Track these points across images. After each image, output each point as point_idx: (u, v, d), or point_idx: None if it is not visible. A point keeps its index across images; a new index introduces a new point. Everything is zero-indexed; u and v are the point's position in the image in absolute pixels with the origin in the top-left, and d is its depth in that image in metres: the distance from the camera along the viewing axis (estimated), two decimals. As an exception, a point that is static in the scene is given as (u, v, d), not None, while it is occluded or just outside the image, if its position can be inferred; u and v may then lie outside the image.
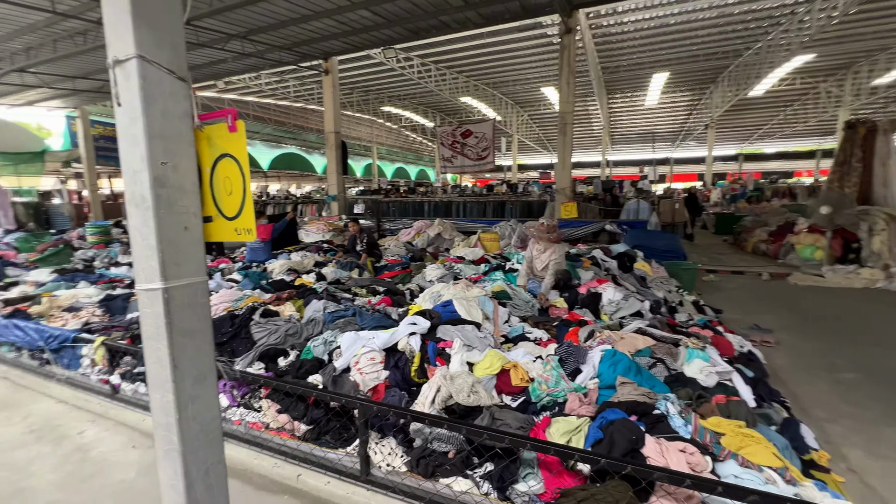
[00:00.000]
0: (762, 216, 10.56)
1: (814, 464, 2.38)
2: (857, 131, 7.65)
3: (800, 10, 12.92)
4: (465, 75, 20.67)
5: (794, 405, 3.12)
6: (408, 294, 4.68)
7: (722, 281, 7.31)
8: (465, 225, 10.90)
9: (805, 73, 20.07)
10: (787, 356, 4.06)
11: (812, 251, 7.70)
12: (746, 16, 13.57)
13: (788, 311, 5.45)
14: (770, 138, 33.31)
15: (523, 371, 2.58)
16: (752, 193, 17.88)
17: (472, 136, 10.85)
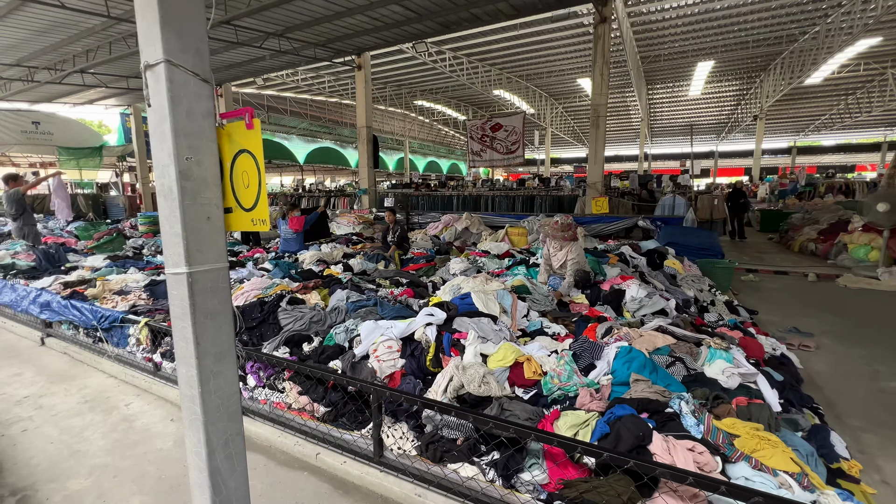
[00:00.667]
0: (812, 213, 9.90)
1: (842, 473, 2.27)
2: (924, 121, 6.98)
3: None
4: (497, 68, 20.45)
5: (829, 412, 2.96)
6: (430, 286, 4.75)
7: (763, 281, 6.94)
8: (494, 219, 10.85)
9: (870, 57, 18.50)
10: (827, 362, 3.84)
11: (866, 251, 7.16)
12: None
13: (834, 315, 5.12)
14: (828, 129, 30.94)
15: (537, 364, 2.59)
16: (803, 189, 16.73)
17: (502, 129, 10.75)
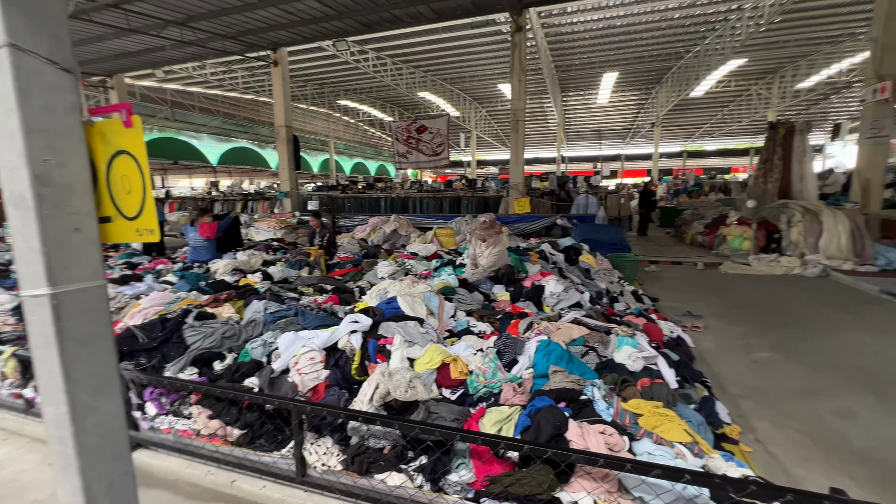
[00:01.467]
0: (700, 209, 11.30)
1: (725, 437, 2.61)
2: (778, 131, 8.34)
3: (731, 17, 13.85)
4: (422, 70, 20.58)
5: (715, 384, 3.38)
6: (357, 292, 4.63)
7: (663, 271, 7.76)
8: (422, 221, 10.88)
9: (738, 76, 21.56)
10: (713, 339, 4.39)
11: (741, 242, 8.33)
12: (685, 20, 14.38)
13: (718, 298, 5.88)
14: (710, 136, 35.56)
15: (463, 364, 2.63)
16: (692, 188, 19.05)
17: (427, 131, 10.83)
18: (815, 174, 8.77)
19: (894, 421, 2.83)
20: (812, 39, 16.22)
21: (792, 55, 18.36)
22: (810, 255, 7.24)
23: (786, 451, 2.57)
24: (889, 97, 7.09)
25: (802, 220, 7.50)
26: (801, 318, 4.92)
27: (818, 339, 4.26)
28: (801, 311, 5.20)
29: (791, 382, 3.43)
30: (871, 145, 7.43)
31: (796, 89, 21.40)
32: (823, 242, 7.23)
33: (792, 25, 14.78)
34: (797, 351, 4.02)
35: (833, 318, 4.93)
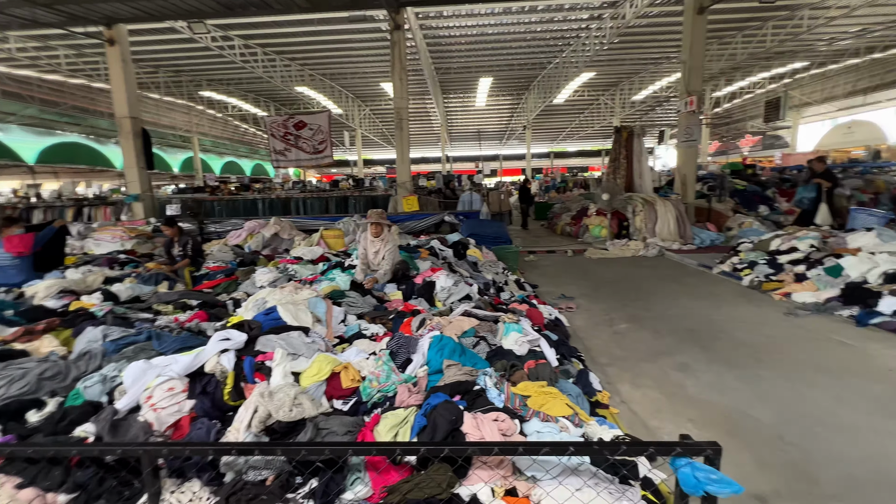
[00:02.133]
0: (566, 203, 12.72)
1: (599, 403, 2.92)
2: (622, 134, 9.80)
3: (582, 34, 15.85)
4: (298, 63, 19.31)
5: (588, 357, 3.79)
6: (231, 305, 4.09)
7: (540, 260, 8.52)
8: (307, 223, 10.21)
9: (589, 87, 24.82)
10: (583, 317, 4.94)
11: (599, 230, 9.60)
12: (546, 34, 16.00)
13: (585, 280, 6.66)
14: (571, 139, 40.39)
15: (354, 371, 2.48)
16: (559, 185, 21.39)
17: (307, 127, 10.18)
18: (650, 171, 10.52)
19: (712, 368, 3.50)
20: (641, 59, 19.45)
21: (628, 72, 21.79)
22: (650, 239, 8.66)
23: (644, 407, 2.99)
24: (695, 109, 8.85)
25: (643, 210, 8.94)
26: (647, 292, 5.84)
27: (660, 308, 5.09)
28: (647, 286, 6.17)
29: (644, 347, 4.02)
30: (685, 148, 9.22)
31: (632, 101, 25.48)
32: (658, 227, 8.72)
33: (627, 47, 17.49)
34: (646, 320, 4.74)
35: (669, 289, 5.95)
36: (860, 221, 6.95)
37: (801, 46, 17.69)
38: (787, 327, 4.32)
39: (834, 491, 2.13)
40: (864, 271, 4.83)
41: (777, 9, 13.42)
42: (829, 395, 3.02)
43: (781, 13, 13.92)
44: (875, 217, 6.89)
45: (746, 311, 4.89)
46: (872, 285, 4.59)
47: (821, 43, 17.27)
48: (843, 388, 3.09)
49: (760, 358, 3.65)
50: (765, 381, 3.25)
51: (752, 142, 31.73)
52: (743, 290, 5.72)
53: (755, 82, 24.48)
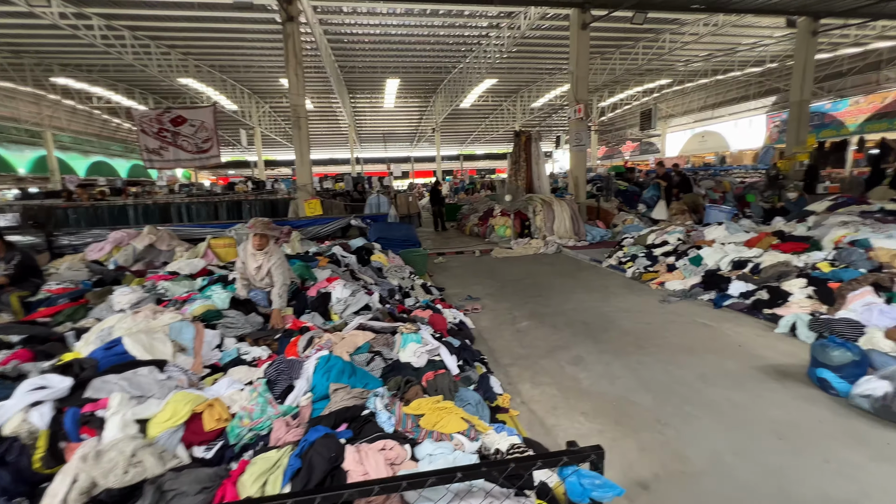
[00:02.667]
0: (474, 204, 13.05)
1: (499, 408, 2.90)
2: (521, 138, 10.30)
3: (483, 41, 16.44)
4: (180, 52, 17.16)
5: (491, 359, 3.80)
6: (72, 336, 3.34)
7: (449, 261, 8.56)
8: (193, 231, 9.04)
9: (493, 93, 25.96)
10: (488, 317, 5.00)
11: (504, 230, 9.97)
12: (449, 39, 16.29)
13: (491, 280, 6.81)
14: (478, 142, 41.95)
15: (222, 408, 2.11)
16: (468, 187, 22.00)
17: (187, 123, 9.00)
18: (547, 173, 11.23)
19: (603, 359, 3.73)
20: (538, 69, 20.83)
21: (527, 80, 23.20)
22: (549, 237, 9.22)
23: (542, 405, 3.05)
24: (583, 116, 9.64)
25: (542, 210, 9.47)
26: (546, 288, 6.14)
27: (557, 304, 5.37)
28: (546, 282, 6.49)
29: (543, 343, 4.16)
30: (576, 152, 10.01)
31: (531, 107, 27.23)
32: (556, 226, 9.31)
33: (525, 56, 18.57)
34: (545, 316, 4.94)
35: (565, 284, 6.33)
36: (713, 216, 8.13)
37: (665, 66, 20.42)
38: (661, 314, 4.81)
39: (702, 467, 2.33)
40: (718, 260, 5.60)
41: (645, 31, 15.29)
42: (695, 373, 3.37)
43: (649, 35, 15.90)
44: (724, 213, 8.12)
45: (630, 300, 5.36)
46: (724, 272, 5.34)
47: (679, 64, 20.11)
48: (706, 366, 3.48)
49: (642, 345, 3.98)
50: (645, 366, 3.53)
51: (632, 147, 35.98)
52: (627, 282, 6.30)
53: (632, 95, 27.75)
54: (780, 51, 18.42)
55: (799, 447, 2.44)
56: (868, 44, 17.10)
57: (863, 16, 10.82)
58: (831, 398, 2.90)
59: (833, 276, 4.27)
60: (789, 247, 5.21)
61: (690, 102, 30.70)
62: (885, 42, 16.88)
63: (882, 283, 3.89)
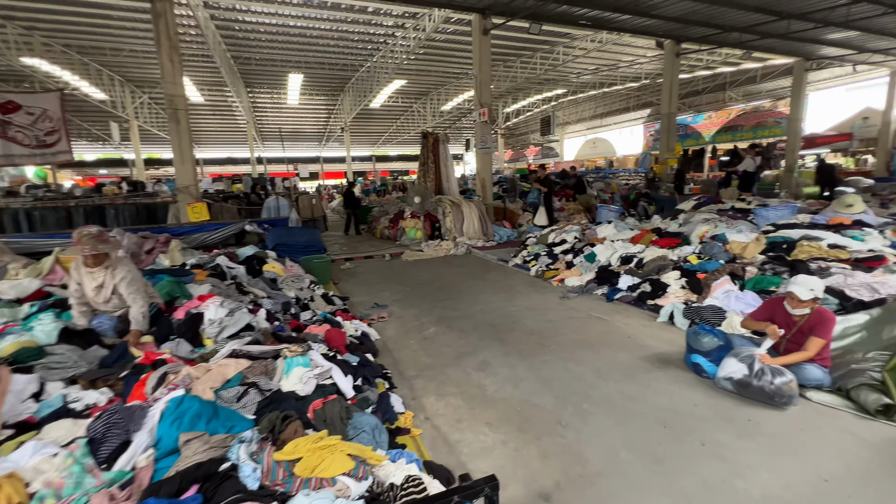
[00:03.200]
0: (385, 206, 12.71)
1: (400, 430, 2.67)
2: (428, 140, 10.24)
3: (390, 41, 16.15)
4: (20, 26, 14.12)
5: (395, 372, 3.56)
6: None
7: (357, 267, 8.13)
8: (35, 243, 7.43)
9: (403, 94, 25.79)
10: (395, 326, 4.75)
11: (415, 232, 9.81)
12: (353, 36, 15.69)
13: (400, 285, 6.58)
14: (391, 143, 41.47)
15: (14, 488, 1.57)
16: (380, 188, 21.54)
17: (23, 111, 7.32)
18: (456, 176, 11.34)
19: (508, 361, 3.71)
20: (446, 73, 21.11)
21: (436, 83, 23.41)
22: (459, 238, 9.27)
23: (447, 419, 2.89)
24: (487, 119, 9.89)
25: (452, 211, 9.50)
26: (455, 291, 6.08)
27: (465, 307, 5.32)
28: (455, 285, 6.44)
29: (450, 350, 4.03)
30: (482, 154, 10.24)
31: (441, 110, 27.60)
32: (465, 227, 9.40)
33: (433, 59, 18.67)
34: (453, 320, 4.85)
35: (473, 285, 6.35)
36: (604, 215, 8.85)
37: (561, 76, 22.08)
38: (562, 310, 5.01)
39: (599, 467, 2.35)
40: (609, 256, 6.04)
41: (542, 42, 16.33)
42: (592, 369, 3.50)
43: (545, 46, 17.00)
44: (613, 212, 8.88)
45: (534, 298, 5.52)
46: (614, 267, 5.76)
47: (572, 75, 21.89)
48: (601, 361, 3.64)
49: (544, 343, 4.06)
50: (547, 366, 3.58)
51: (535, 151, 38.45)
52: (532, 280, 6.51)
53: (533, 102, 29.61)
54: (652, 69, 20.99)
55: (679, 433, 2.60)
56: (716, 68, 20.26)
57: (710, 43, 12.71)
58: (704, 381, 3.18)
59: (700, 267, 4.81)
60: (666, 242, 5.80)
61: (583, 111, 33.75)
62: (728, 67, 20.14)
63: (736, 272, 4.47)
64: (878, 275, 3.81)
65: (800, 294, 2.90)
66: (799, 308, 2.96)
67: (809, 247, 4.47)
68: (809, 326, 2.97)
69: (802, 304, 2.93)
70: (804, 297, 2.90)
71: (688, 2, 9.46)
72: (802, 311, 2.96)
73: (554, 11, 10.03)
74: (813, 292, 2.90)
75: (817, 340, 2.90)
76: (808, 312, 2.98)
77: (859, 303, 3.55)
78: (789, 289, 2.98)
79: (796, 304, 2.95)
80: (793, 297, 2.94)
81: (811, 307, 2.97)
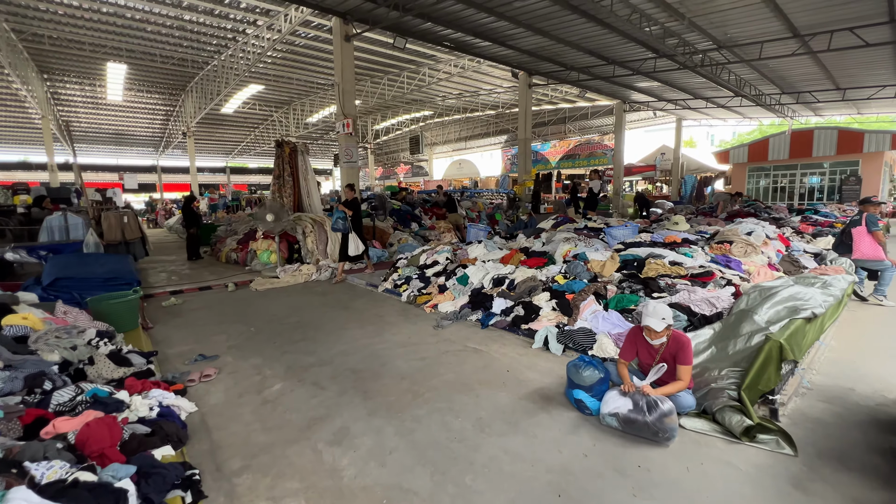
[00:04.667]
0: (234, 224, 10.81)
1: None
2: (284, 149, 8.99)
3: (239, 38, 14.20)
4: None
5: (212, 465, 2.50)
6: None
7: (187, 302, 6.44)
8: None
9: (260, 101, 23.29)
10: (225, 386, 3.58)
11: (268, 255, 8.40)
12: (191, 26, 13.35)
13: (242, 325, 5.28)
14: (249, 154, 37.27)
15: None
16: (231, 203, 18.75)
17: None
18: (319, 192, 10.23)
19: (373, 425, 2.93)
20: (310, 82, 19.63)
21: (299, 92, 21.65)
22: (323, 261, 8.20)
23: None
24: (352, 131, 9.12)
25: (314, 231, 8.39)
26: (313, 328, 5.09)
27: (325, 348, 4.40)
28: (314, 319, 5.44)
29: (298, 415, 3.09)
30: (347, 168, 9.39)
31: (307, 122, 25.77)
32: (330, 248, 8.39)
33: (294, 66, 17.11)
34: (307, 369, 3.89)
35: (336, 318, 5.44)
36: (473, 234, 8.81)
37: (427, 98, 22.59)
38: (436, 343, 4.47)
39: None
40: (481, 278, 5.80)
41: (409, 61, 16.35)
42: (472, 420, 2.98)
43: (412, 66, 17.08)
44: (482, 230, 8.91)
45: (406, 331, 4.89)
46: (487, 289, 5.51)
47: (438, 98, 22.59)
48: (482, 406, 3.15)
49: (417, 391, 3.43)
50: (421, 425, 2.93)
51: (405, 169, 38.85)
52: (403, 307, 5.89)
53: (402, 122, 29.86)
54: (507, 99, 22.99)
55: (577, 500, 2.20)
56: (558, 104, 23.19)
57: (556, 78, 14.27)
58: (588, 420, 2.92)
59: (567, 287, 4.82)
60: (533, 262, 5.81)
61: (449, 133, 35.40)
62: (567, 104, 23.23)
63: (600, 291, 4.56)
64: (712, 289, 4.24)
65: (655, 326, 2.87)
66: (657, 338, 2.93)
67: (656, 264, 4.86)
68: (671, 353, 2.96)
69: (658, 334, 2.90)
70: (659, 329, 2.87)
71: (537, 37, 10.29)
72: (660, 341, 2.94)
73: (418, 28, 9.89)
74: (665, 321, 2.90)
75: (685, 368, 2.89)
76: (665, 341, 2.97)
77: (703, 317, 3.82)
78: (644, 322, 2.94)
79: (654, 336, 2.92)
80: (649, 330, 2.90)
81: (666, 335, 2.96)
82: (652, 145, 27.85)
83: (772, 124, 27.14)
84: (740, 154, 21.85)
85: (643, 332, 3.01)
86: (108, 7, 11.93)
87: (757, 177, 21.91)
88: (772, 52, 10.21)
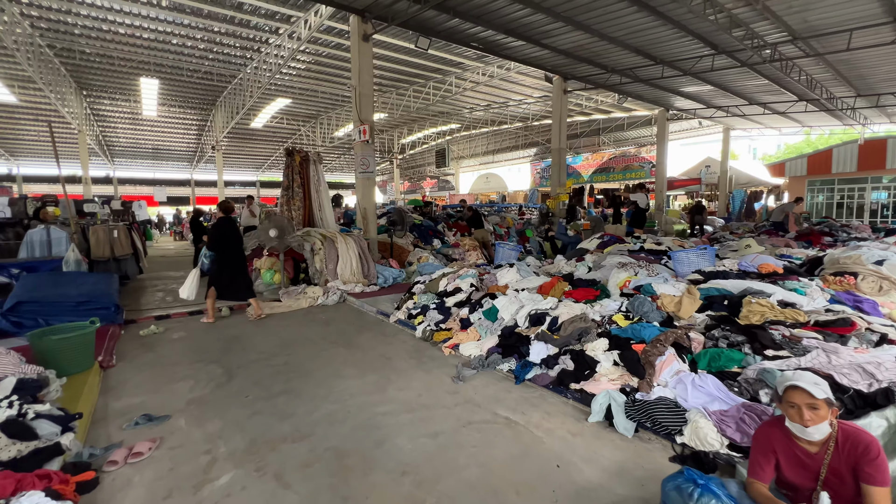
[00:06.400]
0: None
1: None
2: (294, 158, 8.20)
3: (264, 48, 13.85)
4: None
5: None
6: None
7: (170, 329, 5.56)
8: None
9: (289, 115, 23.19)
10: (155, 473, 2.55)
11: (272, 275, 7.53)
12: (216, 37, 13.07)
13: (219, 364, 4.31)
14: (278, 168, 37.62)
15: None
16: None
17: None
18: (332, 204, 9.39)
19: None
20: (335, 95, 19.24)
21: (325, 106, 21.36)
22: (332, 282, 7.25)
23: None
24: (369, 139, 8.25)
25: (323, 248, 7.48)
26: (301, 374, 4.06)
27: (307, 409, 3.33)
28: (306, 360, 4.40)
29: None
30: (363, 179, 8.51)
31: (333, 136, 25.52)
32: (340, 268, 7.44)
33: (320, 79, 16.69)
34: (275, 444, 2.83)
35: (333, 360, 4.39)
36: (502, 255, 7.66)
37: (454, 110, 21.80)
38: (454, 407, 3.33)
39: None
40: (514, 312, 4.64)
41: (434, 69, 15.58)
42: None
43: (437, 75, 16.31)
44: (513, 251, 7.74)
45: (416, 385, 3.77)
46: (522, 328, 4.34)
47: (465, 110, 21.76)
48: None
49: (424, 500, 2.30)
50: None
51: (432, 183, 38.20)
52: (416, 346, 4.79)
53: (429, 135, 29.25)
54: (538, 110, 21.89)
55: None
56: (591, 114, 21.88)
57: (593, 83, 13.07)
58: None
59: (632, 333, 3.59)
60: (581, 294, 4.61)
61: (476, 147, 34.55)
62: (601, 115, 21.89)
63: (681, 342, 3.31)
64: (862, 349, 2.91)
65: (813, 391, 1.69)
66: (814, 422, 1.71)
67: (759, 305, 3.56)
68: (846, 463, 1.73)
69: (817, 412, 1.70)
70: (819, 395, 1.68)
71: (577, 33, 9.20)
72: (820, 436, 1.73)
73: (442, 26, 9.02)
74: (820, 388, 1.71)
75: (881, 491, 1.66)
76: (830, 432, 1.75)
77: (857, 395, 2.51)
78: (791, 383, 1.74)
79: (809, 416, 1.71)
80: (795, 404, 1.70)
81: (830, 420, 1.74)
82: (690, 158, 26.00)
83: (820, 136, 24.94)
84: (798, 166, 19.81)
85: (784, 421, 1.80)
86: (131, 19, 11.76)
87: (818, 191, 19.76)
88: (861, 41, 8.68)
